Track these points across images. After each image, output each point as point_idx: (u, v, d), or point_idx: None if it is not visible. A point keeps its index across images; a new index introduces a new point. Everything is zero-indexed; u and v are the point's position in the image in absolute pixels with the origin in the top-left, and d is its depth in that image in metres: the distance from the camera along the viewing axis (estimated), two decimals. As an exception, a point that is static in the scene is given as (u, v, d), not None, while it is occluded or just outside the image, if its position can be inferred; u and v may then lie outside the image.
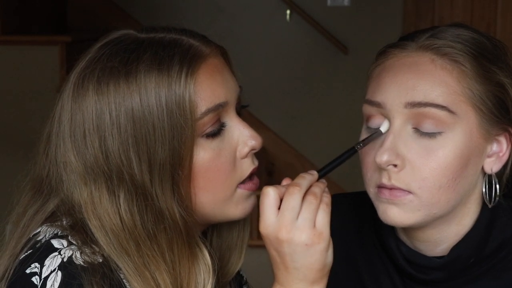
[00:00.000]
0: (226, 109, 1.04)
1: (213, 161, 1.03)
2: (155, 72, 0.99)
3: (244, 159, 1.06)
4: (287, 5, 4.10)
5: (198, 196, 1.03)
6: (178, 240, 1.02)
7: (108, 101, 1.00)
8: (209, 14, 4.15)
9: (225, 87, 1.05)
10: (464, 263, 1.11)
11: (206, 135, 1.02)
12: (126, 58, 1.00)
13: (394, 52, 1.10)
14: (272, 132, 4.23)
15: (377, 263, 1.19)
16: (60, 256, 0.97)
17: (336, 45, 4.10)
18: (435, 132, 1.05)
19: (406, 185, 1.05)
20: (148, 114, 0.99)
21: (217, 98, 1.03)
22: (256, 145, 1.07)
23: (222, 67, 1.06)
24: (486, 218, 1.12)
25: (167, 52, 1.01)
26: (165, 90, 0.99)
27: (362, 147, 1.08)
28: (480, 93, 1.06)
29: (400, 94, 1.06)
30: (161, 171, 0.99)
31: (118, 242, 1.00)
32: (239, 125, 1.06)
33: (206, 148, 1.02)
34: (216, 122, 1.03)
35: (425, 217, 1.07)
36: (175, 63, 1.00)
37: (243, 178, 1.06)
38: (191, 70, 1.01)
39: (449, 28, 1.10)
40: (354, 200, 1.27)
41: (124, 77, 1.00)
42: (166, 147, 0.99)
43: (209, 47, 1.06)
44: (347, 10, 4.13)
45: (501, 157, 1.10)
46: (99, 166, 1.00)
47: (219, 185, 1.04)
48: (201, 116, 1.01)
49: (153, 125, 0.99)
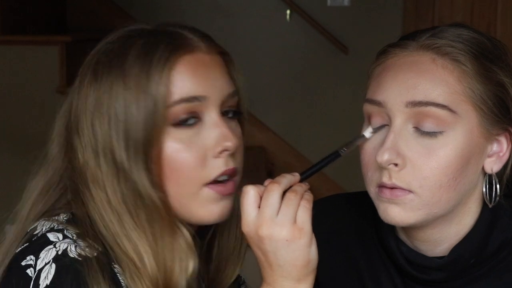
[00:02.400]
0: (207, 105, 1.05)
1: (180, 152, 1.04)
2: (141, 58, 1.04)
3: (216, 159, 1.06)
4: (287, 5, 4.10)
5: (166, 186, 1.05)
6: (157, 218, 1.04)
7: (99, 87, 1.05)
8: (209, 14, 4.15)
9: (208, 83, 1.05)
10: (464, 263, 1.11)
11: (176, 124, 1.04)
12: (118, 53, 1.06)
13: (395, 51, 1.10)
14: (272, 132, 4.23)
15: (378, 263, 1.19)
16: (55, 249, 0.99)
17: (336, 45, 4.10)
18: (436, 132, 1.05)
19: (406, 184, 1.05)
20: (128, 97, 1.03)
21: (194, 91, 1.04)
22: (229, 146, 1.06)
23: (212, 64, 1.07)
24: (487, 218, 1.12)
25: (156, 40, 1.05)
26: (145, 75, 1.03)
27: (346, 151, 1.08)
28: (480, 93, 1.06)
29: (401, 93, 1.06)
30: (135, 149, 1.03)
31: (107, 213, 1.05)
32: (217, 123, 1.06)
33: (175, 137, 1.04)
34: (190, 114, 1.04)
35: (425, 217, 1.07)
36: (159, 50, 1.04)
37: (210, 178, 1.06)
38: (173, 57, 1.04)
39: (449, 28, 1.10)
40: (355, 200, 1.27)
41: (116, 63, 1.05)
42: (140, 127, 1.02)
43: (206, 43, 1.08)
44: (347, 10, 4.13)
45: (502, 157, 1.10)
46: (92, 146, 1.05)
47: (183, 178, 1.05)
48: (173, 104, 1.03)
49: (131, 107, 1.03)
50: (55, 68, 3.66)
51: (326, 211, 1.30)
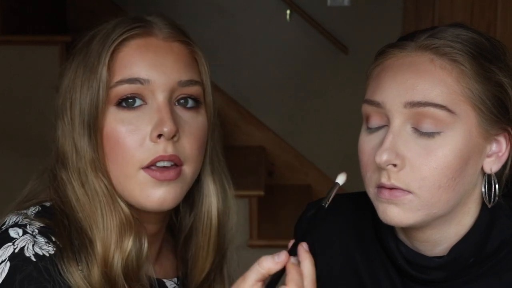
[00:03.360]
0: (151, 89, 1.07)
1: (117, 131, 1.07)
2: (102, 39, 1.09)
3: (153, 144, 1.06)
4: (287, 5, 4.10)
5: (107, 165, 1.08)
6: (100, 198, 1.07)
7: (70, 68, 1.12)
8: (209, 14, 4.15)
9: (154, 68, 1.08)
10: (463, 263, 1.11)
11: (116, 104, 1.07)
12: (87, 41, 1.12)
13: (393, 52, 1.10)
14: (272, 132, 4.23)
15: (377, 264, 1.19)
16: (13, 246, 1.00)
17: (336, 45, 4.10)
18: (435, 132, 1.05)
19: (405, 184, 1.05)
20: (82, 72, 1.09)
21: (137, 73, 1.07)
22: (166, 132, 1.06)
23: (166, 51, 1.09)
24: (486, 218, 1.12)
25: (123, 24, 1.10)
26: (97, 53, 1.08)
27: (328, 203, 1.06)
28: (479, 93, 1.06)
29: (400, 94, 1.06)
30: (81, 116, 1.08)
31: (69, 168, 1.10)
32: (158, 108, 1.07)
33: (115, 117, 1.07)
34: (131, 96, 1.07)
35: (425, 217, 1.07)
36: (116, 32, 1.09)
37: (145, 162, 1.07)
38: (119, 38, 1.08)
39: (448, 28, 1.10)
40: (354, 200, 1.27)
41: (84, 46, 1.11)
42: (87, 100, 1.07)
43: (166, 30, 1.11)
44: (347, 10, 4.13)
45: (501, 157, 1.10)
46: (57, 110, 1.12)
47: (121, 159, 1.07)
48: (115, 84, 1.07)
49: (82, 81, 1.08)
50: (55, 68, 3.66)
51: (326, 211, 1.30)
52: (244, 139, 4.22)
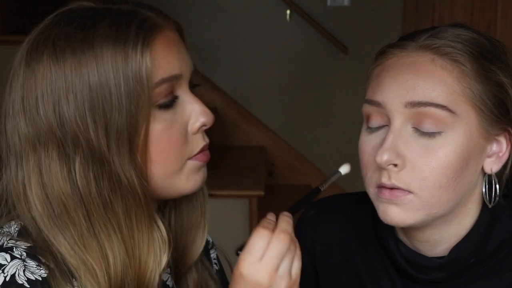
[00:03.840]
0: (180, 83, 1.04)
1: (165, 133, 1.01)
2: (112, 39, 0.98)
3: (195, 135, 1.05)
4: (287, 5, 4.10)
5: (150, 169, 1.01)
6: (136, 209, 1.00)
7: (63, 66, 0.97)
8: (209, 14, 4.15)
9: (180, 60, 1.04)
10: (464, 263, 1.11)
11: (159, 105, 1.01)
12: (83, 24, 0.99)
13: (394, 52, 1.10)
14: (272, 132, 4.23)
15: (377, 264, 1.19)
16: (3, 274, 0.94)
17: (336, 45, 4.10)
18: (435, 132, 1.05)
19: (406, 184, 1.05)
20: (105, 81, 0.97)
21: (172, 70, 1.02)
22: (207, 121, 1.05)
23: (177, 41, 1.05)
24: (486, 218, 1.12)
25: (124, 20, 1.00)
26: (121, 57, 0.98)
27: (326, 187, 1.08)
28: (480, 93, 1.06)
29: (400, 94, 1.06)
30: (118, 137, 0.98)
31: (65, 211, 0.98)
32: (192, 100, 1.05)
33: (159, 118, 1.01)
34: (169, 94, 1.02)
35: (425, 217, 1.07)
36: (132, 31, 0.99)
37: (193, 154, 1.05)
38: (148, 39, 1.00)
39: (449, 28, 1.10)
40: (354, 200, 1.27)
41: (81, 42, 0.98)
42: (123, 113, 0.98)
43: (165, 20, 1.05)
44: (347, 10, 4.13)
45: (501, 157, 1.10)
46: (51, 131, 0.97)
47: (170, 158, 1.02)
48: (155, 85, 1.00)
49: (109, 92, 0.97)
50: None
51: (326, 211, 1.30)
52: (244, 139, 4.22)
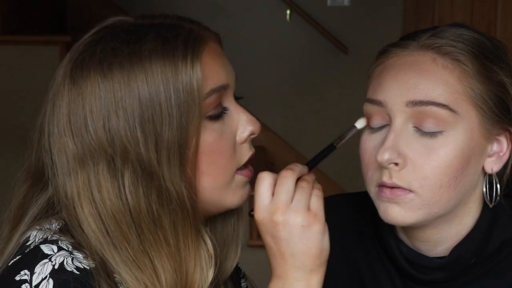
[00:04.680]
0: (227, 93, 1.03)
1: (216, 144, 1.01)
2: (160, 52, 0.98)
3: (243, 144, 1.06)
4: (287, 5, 4.10)
5: (200, 181, 1.01)
6: (184, 223, 0.99)
7: (112, 82, 0.97)
8: (209, 14, 4.15)
9: (226, 70, 1.04)
10: (465, 263, 1.11)
11: (210, 116, 1.01)
12: (129, 39, 0.99)
13: (395, 51, 1.10)
14: (272, 132, 4.23)
15: (378, 264, 1.19)
16: (51, 263, 0.94)
17: (336, 45, 4.10)
18: (436, 131, 1.05)
19: (407, 183, 1.05)
20: (155, 94, 0.97)
21: (220, 80, 1.02)
22: (255, 129, 1.06)
23: (221, 52, 1.06)
24: (487, 218, 1.12)
25: (170, 33, 1.00)
26: (171, 70, 0.97)
27: (342, 144, 1.07)
28: (481, 92, 1.06)
29: (402, 93, 1.06)
30: (169, 150, 0.97)
31: (117, 228, 0.97)
32: (238, 109, 1.05)
33: (209, 130, 1.00)
34: (218, 105, 1.02)
35: (426, 216, 1.07)
36: (179, 43, 0.99)
37: (241, 163, 1.05)
38: (197, 50, 0.99)
39: (450, 28, 1.10)
40: (355, 200, 1.27)
41: (128, 57, 0.97)
42: (173, 126, 0.97)
43: (208, 32, 1.05)
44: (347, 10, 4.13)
45: (502, 157, 1.10)
46: (101, 147, 0.97)
47: (220, 169, 1.02)
48: (205, 96, 0.99)
49: (159, 105, 0.97)
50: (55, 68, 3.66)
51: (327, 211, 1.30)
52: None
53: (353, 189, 1.35)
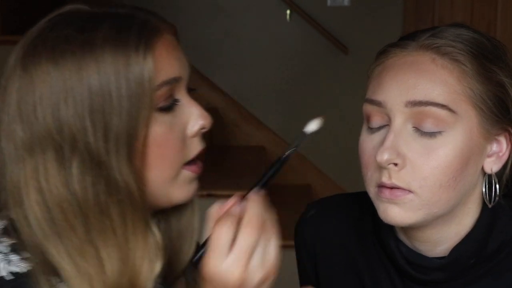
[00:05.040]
0: (179, 86, 1.02)
1: (165, 136, 1.00)
2: (113, 42, 0.97)
3: (193, 138, 1.04)
4: (287, 5, 4.10)
5: (147, 174, 1.00)
6: (133, 214, 0.98)
7: (63, 70, 0.96)
8: (209, 14, 4.15)
9: (180, 63, 1.03)
10: (464, 264, 1.11)
11: (160, 108, 0.99)
12: (82, 27, 0.97)
13: (394, 51, 1.10)
14: (272, 132, 4.23)
15: (377, 264, 1.19)
16: None
17: (336, 45, 4.10)
18: (436, 132, 1.05)
19: (406, 184, 1.05)
20: (105, 84, 0.96)
21: (172, 72, 1.01)
22: (206, 124, 1.05)
23: (176, 44, 1.05)
24: (487, 218, 1.12)
25: (124, 23, 0.99)
26: (123, 60, 0.96)
27: (289, 153, 1.04)
28: (480, 93, 1.06)
29: (401, 93, 1.06)
30: (117, 141, 0.96)
31: (63, 217, 0.96)
32: (190, 103, 1.04)
33: (159, 122, 0.99)
34: (170, 97, 1.01)
35: (425, 217, 1.07)
36: (133, 34, 0.98)
37: (190, 158, 1.04)
38: (150, 42, 0.98)
39: (449, 28, 1.10)
40: (355, 200, 1.27)
41: (81, 45, 0.96)
42: (123, 117, 0.96)
43: (163, 23, 1.04)
44: (347, 10, 4.13)
45: (501, 157, 1.11)
46: (50, 135, 0.96)
47: (167, 162, 1.01)
48: (157, 87, 0.98)
49: (110, 95, 0.96)
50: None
51: (326, 211, 1.30)
52: (244, 139, 4.22)
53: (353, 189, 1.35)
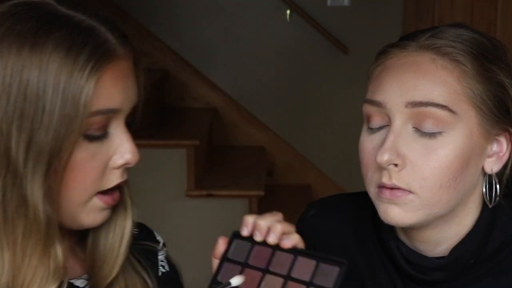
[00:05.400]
0: (117, 117, 0.99)
1: (85, 162, 0.97)
2: (63, 53, 0.93)
3: (114, 170, 1.01)
4: (287, 5, 4.10)
5: (60, 196, 0.97)
6: (35, 234, 0.95)
7: (5, 65, 0.93)
8: (209, 14, 4.15)
9: (124, 95, 0.99)
10: (464, 264, 1.11)
11: (88, 136, 0.96)
12: (37, 28, 0.94)
13: (394, 52, 1.10)
14: (272, 132, 4.23)
15: (377, 264, 1.19)
16: None
17: (336, 45, 4.10)
18: (436, 132, 1.05)
19: (406, 184, 1.05)
20: (42, 94, 0.93)
21: (111, 103, 0.97)
22: (132, 160, 1.01)
23: (128, 73, 1.00)
24: (487, 218, 1.12)
25: (80, 38, 0.95)
26: (66, 75, 0.93)
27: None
28: (480, 93, 1.06)
29: (401, 94, 1.06)
30: (38, 156, 0.93)
31: None
32: (123, 135, 1.00)
33: (83, 148, 0.96)
34: (102, 127, 0.98)
35: (426, 217, 1.07)
36: (84, 52, 0.94)
37: (105, 188, 1.01)
38: (98, 66, 0.94)
39: (449, 28, 1.10)
40: (355, 200, 1.27)
41: (30, 46, 0.93)
42: (50, 134, 0.93)
43: (123, 48, 0.99)
44: (347, 10, 4.13)
45: (501, 157, 1.10)
46: None
47: (81, 187, 0.98)
48: (90, 114, 0.95)
49: (43, 107, 0.93)
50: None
51: (326, 211, 1.30)
52: (244, 139, 4.22)
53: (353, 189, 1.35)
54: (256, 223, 1.02)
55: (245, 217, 1.03)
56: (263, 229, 1.02)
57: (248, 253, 1.03)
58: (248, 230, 1.02)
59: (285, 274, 1.00)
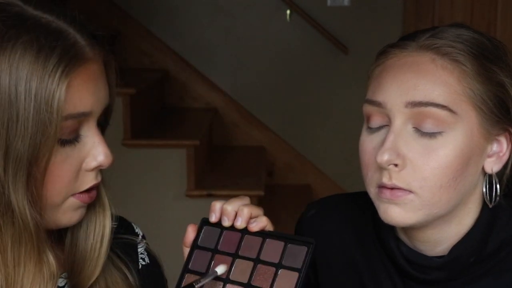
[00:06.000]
0: (88, 119, 0.99)
1: (59, 166, 0.97)
2: (32, 58, 0.92)
3: (88, 172, 1.01)
4: (287, 5, 4.10)
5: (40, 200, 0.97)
6: (27, 240, 0.95)
7: None
8: (209, 14, 4.15)
9: (94, 97, 0.99)
10: (464, 263, 1.11)
11: (61, 140, 0.96)
12: (4, 33, 0.93)
13: (394, 52, 1.10)
14: (272, 132, 4.23)
15: (377, 263, 1.19)
16: None
17: (336, 45, 4.10)
18: (436, 132, 1.05)
19: (407, 184, 1.05)
20: (14, 101, 0.92)
21: (82, 107, 0.97)
22: (105, 163, 1.01)
23: (99, 75, 1.00)
24: (487, 218, 1.12)
25: (49, 42, 0.93)
26: (37, 81, 0.92)
27: (201, 284, 0.99)
28: (480, 93, 1.06)
29: (401, 94, 1.06)
30: (17, 164, 0.93)
31: None
32: (95, 138, 1.00)
33: (58, 152, 0.96)
34: (74, 131, 0.98)
35: (426, 217, 1.07)
36: (54, 56, 0.93)
37: (79, 190, 1.01)
38: (68, 70, 0.94)
39: (449, 28, 1.10)
40: (354, 200, 1.27)
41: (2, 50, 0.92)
42: (26, 142, 0.93)
43: (93, 50, 0.98)
44: (347, 10, 4.13)
45: (502, 157, 1.10)
46: None
47: (54, 191, 0.98)
48: (62, 119, 0.94)
49: (17, 114, 0.92)
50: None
51: (326, 211, 1.30)
52: (244, 139, 4.22)
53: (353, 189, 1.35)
54: (224, 209, 1.04)
55: (213, 203, 1.05)
56: (231, 214, 1.03)
57: (217, 239, 1.05)
58: (216, 216, 1.04)
59: (255, 258, 1.02)
